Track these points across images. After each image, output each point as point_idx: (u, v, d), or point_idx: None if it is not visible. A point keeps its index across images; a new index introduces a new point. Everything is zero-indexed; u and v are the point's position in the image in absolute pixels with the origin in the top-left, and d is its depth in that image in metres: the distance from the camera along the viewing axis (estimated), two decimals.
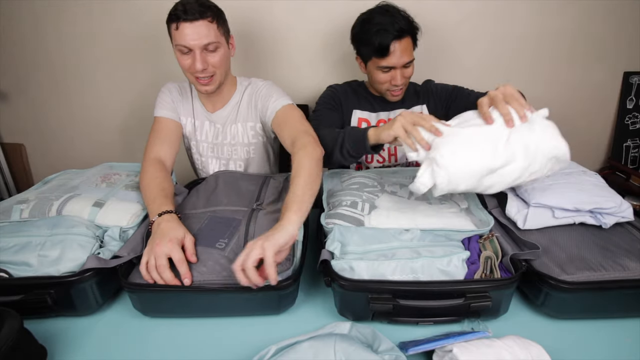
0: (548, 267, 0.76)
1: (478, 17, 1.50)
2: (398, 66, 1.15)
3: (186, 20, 1.00)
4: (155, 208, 0.87)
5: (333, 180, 1.06)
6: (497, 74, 1.60)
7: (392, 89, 1.21)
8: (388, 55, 1.12)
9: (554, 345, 0.66)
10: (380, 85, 1.21)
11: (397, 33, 1.11)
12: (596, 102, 1.67)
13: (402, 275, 0.71)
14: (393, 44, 1.11)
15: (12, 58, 1.56)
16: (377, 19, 1.13)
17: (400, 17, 1.13)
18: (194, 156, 1.30)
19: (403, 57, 1.14)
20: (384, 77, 1.18)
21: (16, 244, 0.77)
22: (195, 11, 1.00)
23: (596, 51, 1.57)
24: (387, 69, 1.16)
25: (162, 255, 0.73)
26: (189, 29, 1.00)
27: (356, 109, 1.30)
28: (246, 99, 1.21)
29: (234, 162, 1.26)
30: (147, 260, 0.74)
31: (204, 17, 1.01)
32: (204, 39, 1.02)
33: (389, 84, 1.20)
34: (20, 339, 0.60)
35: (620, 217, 0.85)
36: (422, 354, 0.67)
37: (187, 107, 1.22)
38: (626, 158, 1.75)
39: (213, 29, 1.03)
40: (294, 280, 0.73)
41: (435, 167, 0.74)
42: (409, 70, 1.19)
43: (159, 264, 0.73)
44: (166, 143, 1.13)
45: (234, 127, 1.22)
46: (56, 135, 1.71)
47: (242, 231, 0.85)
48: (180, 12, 1.00)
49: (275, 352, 0.62)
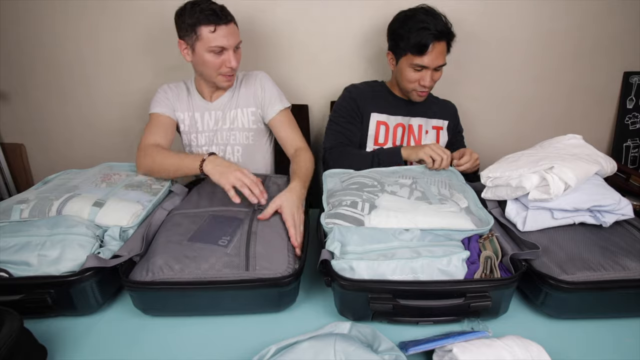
0: (548, 267, 0.76)
1: (478, 17, 1.50)
2: (431, 67, 1.17)
3: (222, 23, 1.10)
4: (196, 156, 1.03)
5: (333, 180, 1.06)
6: (497, 74, 1.60)
7: (419, 89, 1.23)
8: (425, 53, 1.15)
9: (554, 345, 0.66)
10: (408, 83, 1.23)
11: (438, 34, 1.13)
12: (596, 102, 1.67)
13: (402, 275, 0.71)
14: (432, 44, 1.14)
15: (12, 58, 1.56)
16: (421, 17, 1.15)
17: (442, 20, 1.16)
18: (194, 150, 1.31)
19: (438, 59, 1.17)
20: (414, 75, 1.20)
21: (16, 243, 0.77)
22: (227, 14, 1.12)
23: (596, 51, 1.57)
24: (419, 67, 1.18)
25: (242, 176, 0.94)
26: (225, 31, 1.10)
27: (374, 112, 1.31)
28: (244, 85, 1.28)
29: (232, 147, 1.29)
30: (232, 183, 0.92)
31: (233, 20, 1.14)
32: (237, 39, 1.14)
33: (417, 84, 1.21)
34: (20, 338, 0.60)
35: (620, 214, 0.85)
36: (422, 354, 0.67)
37: (184, 102, 1.26)
38: (626, 158, 1.75)
39: (238, 31, 1.16)
40: (295, 278, 0.73)
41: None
42: (439, 73, 1.22)
43: (249, 182, 0.93)
44: (161, 134, 1.19)
45: (233, 112, 1.27)
46: (56, 135, 1.70)
47: (245, 229, 0.85)
48: (213, 16, 1.09)
49: (275, 352, 0.62)
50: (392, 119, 1.31)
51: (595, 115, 1.70)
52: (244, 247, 0.79)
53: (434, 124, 1.34)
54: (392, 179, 1.02)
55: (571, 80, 1.62)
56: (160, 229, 0.89)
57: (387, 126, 1.31)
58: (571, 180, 0.83)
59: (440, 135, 1.34)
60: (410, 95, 1.27)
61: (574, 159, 0.90)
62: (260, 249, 0.78)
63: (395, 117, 1.31)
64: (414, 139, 1.32)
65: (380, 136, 1.31)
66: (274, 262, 0.76)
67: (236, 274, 0.73)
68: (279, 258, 0.77)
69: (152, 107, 1.23)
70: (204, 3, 1.09)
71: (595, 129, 1.73)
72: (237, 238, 0.81)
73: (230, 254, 0.77)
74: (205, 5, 1.09)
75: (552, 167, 0.86)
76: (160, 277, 0.73)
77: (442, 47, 1.17)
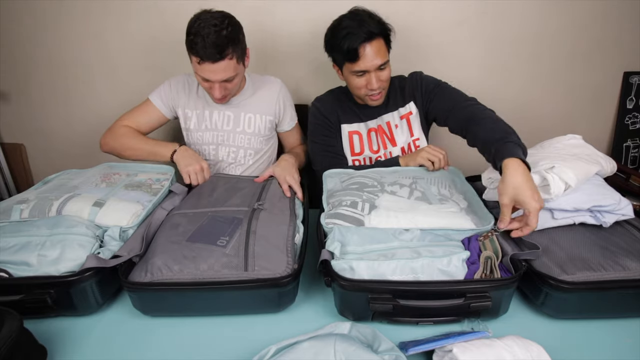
0: (548, 267, 0.76)
1: (477, 17, 1.50)
2: (371, 69, 1.11)
3: (208, 60, 1.04)
4: (167, 145, 1.17)
5: (333, 180, 1.06)
6: (497, 74, 1.60)
7: (369, 93, 1.16)
8: (358, 59, 1.09)
9: (554, 345, 0.66)
10: (357, 90, 1.17)
11: (365, 36, 1.07)
12: (596, 102, 1.67)
13: (402, 275, 0.71)
14: (362, 47, 1.08)
15: (12, 58, 1.56)
16: (345, 23, 1.10)
17: (369, 19, 1.10)
18: (200, 148, 1.30)
19: (375, 59, 1.10)
20: (360, 81, 1.14)
21: (16, 243, 0.77)
22: (216, 52, 1.04)
23: (596, 51, 1.57)
24: (360, 73, 1.12)
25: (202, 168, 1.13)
26: (210, 68, 1.06)
27: (344, 124, 1.26)
28: (260, 90, 1.28)
29: (244, 150, 1.29)
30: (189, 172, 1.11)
31: (225, 56, 1.05)
32: (224, 76, 1.09)
33: (366, 89, 1.16)
34: (20, 338, 0.60)
35: (620, 214, 0.85)
36: (422, 354, 0.67)
37: (193, 99, 1.26)
38: (626, 158, 1.75)
39: (232, 64, 1.09)
40: (294, 278, 0.73)
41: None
42: (385, 72, 1.15)
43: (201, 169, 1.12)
44: (142, 122, 1.25)
45: (249, 116, 1.27)
46: (56, 135, 1.70)
47: (244, 228, 0.85)
48: (201, 50, 1.03)
49: (275, 352, 0.62)
50: (363, 126, 1.27)
51: (595, 115, 1.70)
52: (243, 247, 0.78)
53: (402, 113, 1.26)
54: (392, 179, 1.02)
55: (571, 80, 1.62)
56: (160, 229, 0.89)
57: (359, 135, 1.26)
58: (571, 180, 0.83)
59: (411, 121, 1.25)
60: (366, 101, 1.21)
61: (574, 159, 0.90)
62: (259, 249, 0.78)
63: (365, 123, 1.27)
64: (387, 137, 1.26)
65: (355, 146, 1.27)
66: (273, 262, 0.76)
67: (235, 275, 0.73)
68: (277, 258, 0.77)
69: (152, 93, 1.25)
70: (201, 26, 1.03)
71: (595, 129, 1.73)
72: (236, 238, 0.81)
73: (229, 254, 0.77)
74: (199, 30, 1.02)
75: (552, 167, 0.86)
76: (159, 277, 0.73)
77: (377, 45, 1.10)
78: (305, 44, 1.53)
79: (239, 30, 1.11)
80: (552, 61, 1.58)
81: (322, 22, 1.50)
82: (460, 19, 1.50)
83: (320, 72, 1.57)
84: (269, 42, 1.52)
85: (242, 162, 1.31)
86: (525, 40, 1.54)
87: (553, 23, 1.51)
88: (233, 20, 1.09)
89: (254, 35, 1.49)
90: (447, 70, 1.25)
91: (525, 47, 1.55)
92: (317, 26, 1.50)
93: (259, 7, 1.46)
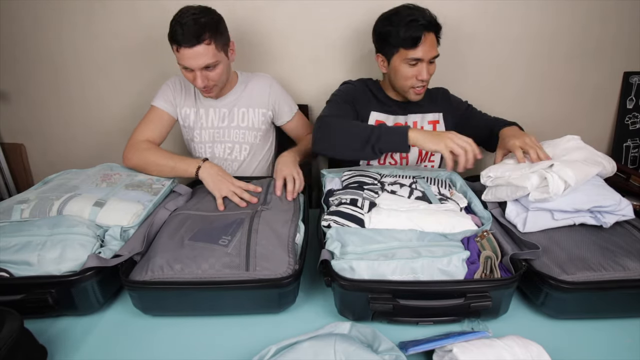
0: (548, 267, 0.76)
1: (477, 17, 1.50)
2: (426, 59, 1.14)
3: (185, 45, 1.06)
4: (191, 161, 1.08)
5: (333, 179, 1.06)
6: (497, 74, 1.60)
7: (416, 85, 1.19)
8: (418, 45, 1.12)
9: (554, 345, 0.66)
10: (405, 81, 1.19)
11: (427, 24, 1.12)
12: (596, 102, 1.67)
13: (402, 275, 0.71)
14: (424, 35, 1.12)
15: (12, 58, 1.56)
16: (406, 11, 1.14)
17: (428, 12, 1.15)
18: (197, 146, 1.32)
19: (431, 50, 1.14)
20: (411, 71, 1.16)
21: (17, 243, 0.77)
22: (192, 36, 1.05)
23: (596, 51, 1.57)
24: (414, 61, 1.15)
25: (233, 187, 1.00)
26: (188, 53, 1.07)
27: (374, 111, 1.28)
28: (251, 85, 1.29)
29: (239, 145, 1.30)
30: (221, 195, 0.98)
31: (202, 41, 1.06)
32: (203, 61, 1.09)
33: (415, 79, 1.18)
34: (20, 338, 0.60)
35: (621, 215, 0.85)
36: (422, 354, 0.67)
37: (190, 98, 1.28)
38: (626, 158, 1.75)
39: (211, 50, 1.09)
40: (295, 278, 0.73)
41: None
42: (433, 66, 1.19)
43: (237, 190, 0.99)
44: (156, 130, 1.22)
45: (242, 110, 1.28)
46: (56, 135, 1.70)
47: (246, 227, 0.84)
48: (179, 35, 1.05)
49: (275, 352, 0.62)
50: (391, 119, 1.29)
51: (595, 115, 1.70)
52: (244, 247, 0.78)
53: (429, 118, 1.30)
54: (392, 179, 1.02)
55: (571, 80, 1.62)
56: (162, 228, 0.89)
57: None
58: (571, 178, 0.83)
59: (436, 130, 1.30)
60: (408, 95, 1.23)
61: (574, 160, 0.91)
62: (261, 249, 0.78)
63: (394, 117, 1.29)
64: None
65: None
66: (274, 262, 0.76)
67: (236, 275, 0.73)
68: (279, 258, 0.77)
69: (155, 99, 1.25)
70: (181, 16, 1.06)
71: (595, 129, 1.73)
72: (237, 237, 0.81)
73: (231, 253, 0.77)
74: (179, 19, 1.06)
75: (551, 166, 0.86)
76: (160, 276, 0.73)
77: (433, 38, 1.15)
78: (306, 44, 1.53)
79: (218, 20, 1.12)
80: (552, 61, 1.58)
81: (322, 22, 1.51)
82: (459, 19, 1.50)
83: (321, 72, 1.57)
84: (269, 42, 1.52)
85: (238, 157, 1.31)
86: (525, 40, 1.54)
87: (553, 23, 1.51)
88: (212, 11, 1.12)
89: (254, 35, 1.50)
90: (447, 70, 1.25)
91: (525, 47, 1.55)
92: (317, 26, 1.50)
93: (259, 7, 1.46)
